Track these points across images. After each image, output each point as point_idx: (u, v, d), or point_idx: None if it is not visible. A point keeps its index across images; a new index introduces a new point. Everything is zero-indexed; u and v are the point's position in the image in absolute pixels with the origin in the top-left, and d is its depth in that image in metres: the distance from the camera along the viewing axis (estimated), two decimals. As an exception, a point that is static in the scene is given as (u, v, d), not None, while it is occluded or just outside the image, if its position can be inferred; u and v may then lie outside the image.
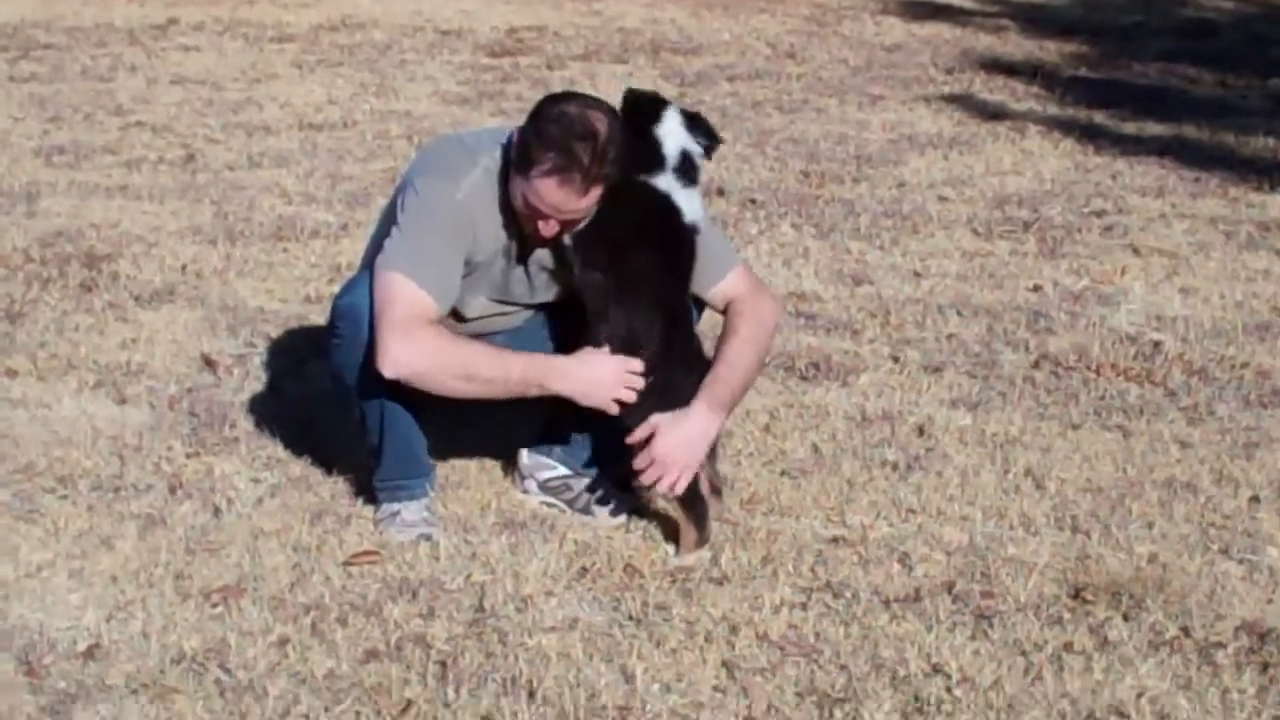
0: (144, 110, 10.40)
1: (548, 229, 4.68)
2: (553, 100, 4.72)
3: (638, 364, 4.72)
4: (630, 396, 4.73)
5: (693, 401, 4.75)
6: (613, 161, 4.59)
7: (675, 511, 4.85)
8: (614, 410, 4.75)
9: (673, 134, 4.76)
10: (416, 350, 4.59)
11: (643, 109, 4.80)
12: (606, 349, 4.73)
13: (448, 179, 4.72)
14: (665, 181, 4.74)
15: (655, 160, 4.74)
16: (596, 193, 4.61)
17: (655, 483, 4.75)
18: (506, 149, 4.75)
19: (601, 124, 4.60)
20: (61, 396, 5.87)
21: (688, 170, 4.77)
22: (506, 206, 4.75)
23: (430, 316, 4.63)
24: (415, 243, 4.66)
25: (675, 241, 4.77)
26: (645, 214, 4.73)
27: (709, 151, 4.84)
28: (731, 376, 4.81)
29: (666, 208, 4.74)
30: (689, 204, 4.77)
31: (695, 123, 4.82)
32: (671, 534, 4.90)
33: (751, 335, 4.87)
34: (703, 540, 4.82)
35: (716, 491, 4.98)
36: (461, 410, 4.95)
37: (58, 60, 11.83)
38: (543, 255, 4.86)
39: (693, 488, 4.82)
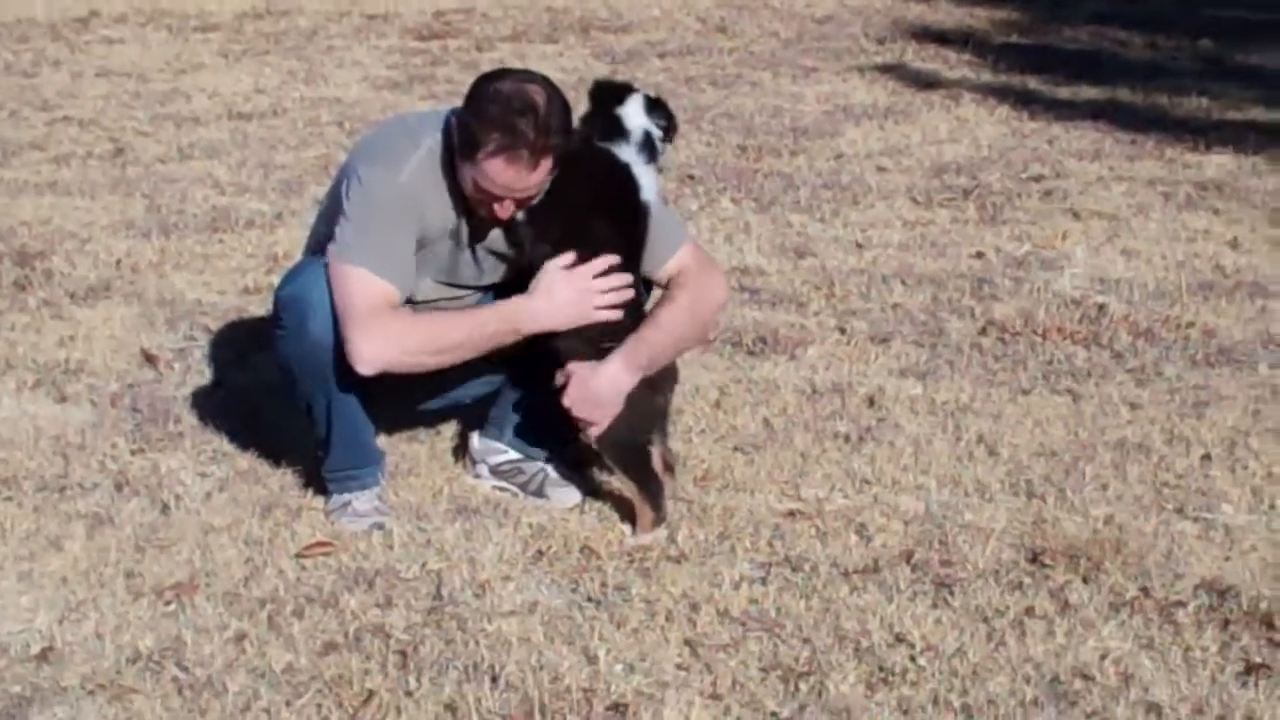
0: (70, 105, 10.28)
1: (503, 210, 4.63)
2: (487, 80, 4.66)
3: (593, 267, 4.67)
4: (606, 302, 4.68)
5: (608, 359, 4.72)
6: (556, 131, 4.54)
7: (630, 491, 4.82)
8: (602, 318, 4.69)
9: (634, 114, 4.74)
10: (384, 342, 4.56)
11: (608, 93, 4.81)
12: (557, 265, 4.68)
13: (390, 164, 4.66)
14: (627, 154, 4.71)
15: (617, 133, 4.71)
16: (546, 164, 4.57)
17: (586, 429, 4.75)
18: (447, 130, 4.69)
19: (539, 95, 4.55)
20: (1, 397, 5.78)
21: (648, 147, 4.75)
22: (453, 188, 4.69)
23: (393, 303, 4.60)
24: (365, 233, 4.61)
25: (632, 213, 4.74)
26: (605, 180, 4.71)
27: (668, 134, 4.82)
28: (655, 338, 4.75)
29: (626, 177, 4.71)
30: (646, 179, 4.75)
31: (655, 106, 4.81)
32: (628, 514, 4.86)
33: (689, 305, 4.80)
34: (659, 519, 4.79)
35: (669, 469, 4.95)
36: (410, 394, 4.91)
37: (-19, 57, 11.71)
38: (492, 239, 4.81)
39: (647, 466, 4.79)
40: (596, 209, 4.71)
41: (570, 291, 4.67)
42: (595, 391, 4.71)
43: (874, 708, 3.93)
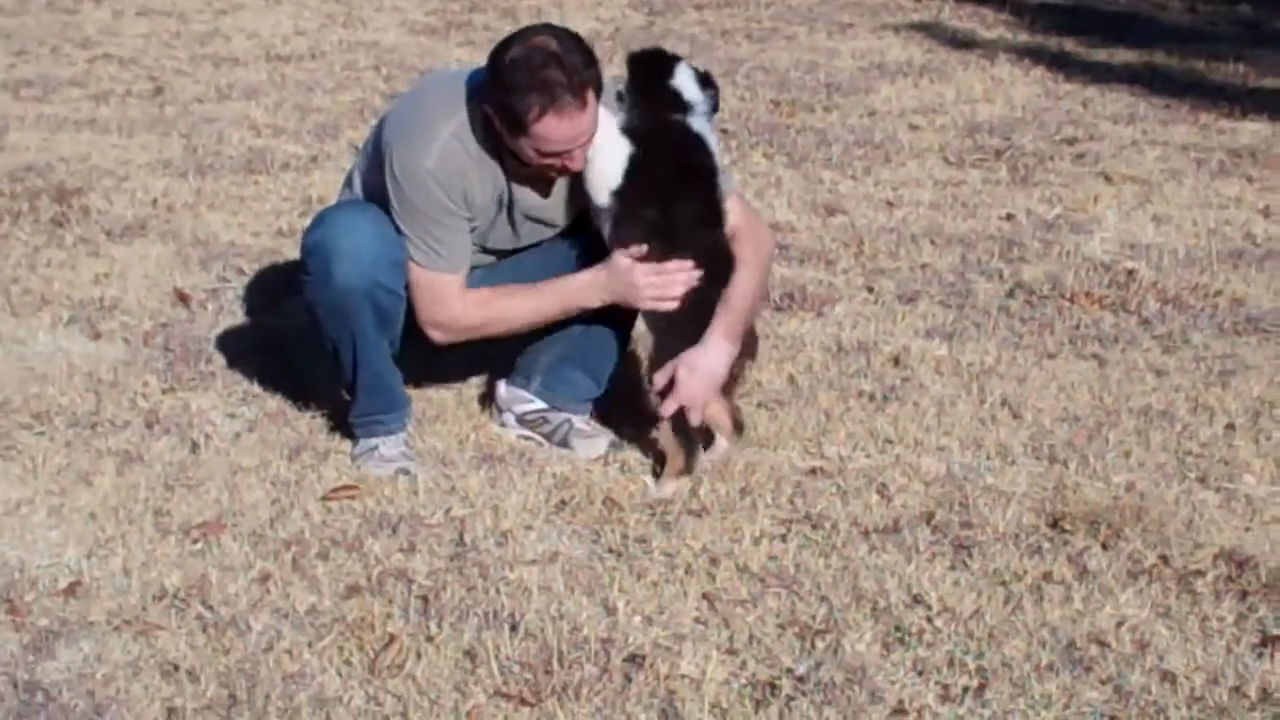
0: (111, 43, 10.32)
1: (574, 162, 4.69)
2: (496, 56, 4.65)
3: (666, 267, 4.76)
4: (677, 294, 4.76)
5: (708, 334, 4.78)
6: (584, 64, 4.58)
7: (664, 439, 4.85)
8: (665, 308, 4.78)
9: (689, 85, 4.82)
10: (458, 331, 4.85)
11: (654, 63, 4.87)
12: (633, 256, 4.76)
13: (417, 148, 4.68)
14: (698, 124, 4.80)
15: (680, 105, 4.79)
16: (591, 99, 4.60)
17: (675, 414, 4.79)
18: (474, 97, 4.71)
19: (551, 42, 4.58)
20: (36, 332, 5.84)
21: (709, 115, 4.86)
22: (493, 153, 4.73)
23: (460, 288, 4.78)
24: (416, 232, 4.72)
25: (710, 178, 4.83)
26: (687, 154, 4.80)
27: (716, 105, 4.92)
28: (743, 305, 4.85)
29: (702, 147, 4.81)
30: (714, 146, 4.87)
31: (705, 79, 4.89)
32: (651, 467, 4.90)
33: (757, 262, 4.90)
34: (688, 469, 4.82)
35: (739, 426, 5.00)
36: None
37: (21, -8, 11.74)
38: (533, 206, 4.85)
39: (689, 423, 4.84)
40: (682, 183, 4.78)
41: (643, 280, 4.76)
42: (708, 377, 4.80)
43: (889, 667, 3.97)
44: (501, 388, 5.26)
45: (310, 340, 5.16)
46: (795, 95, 9.29)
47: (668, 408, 4.78)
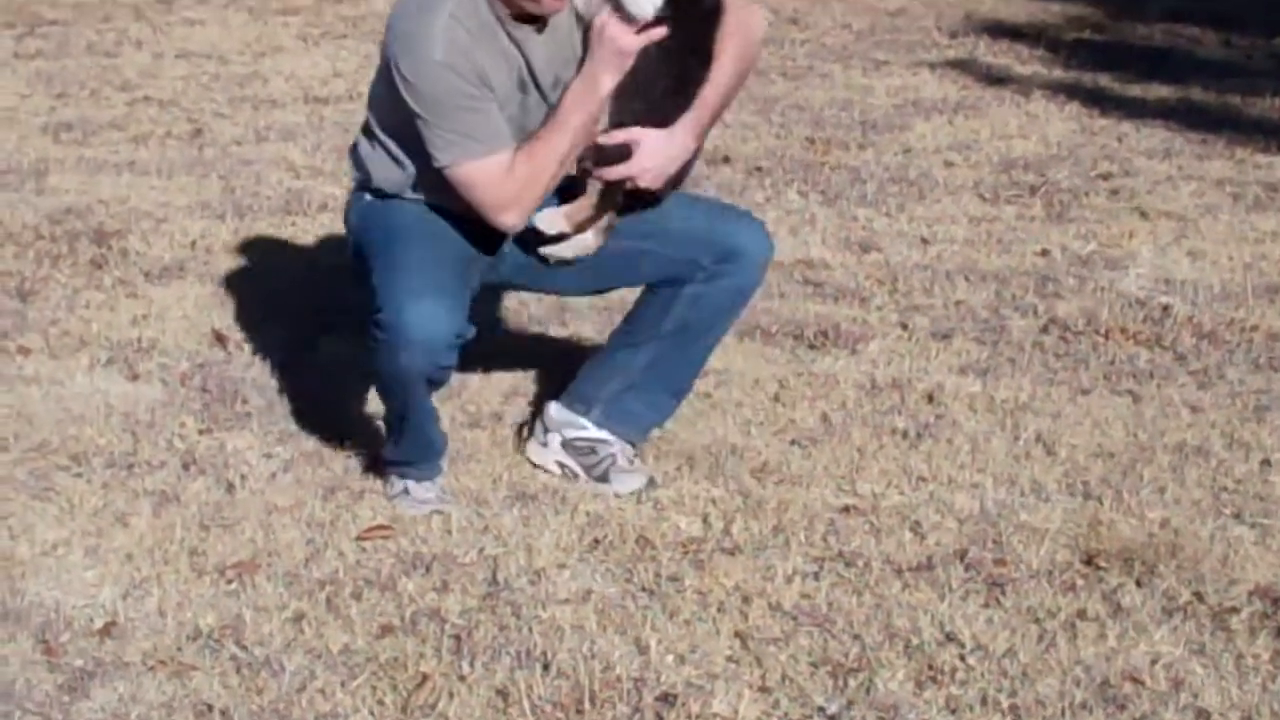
0: (150, 85, 10.40)
1: None
2: None
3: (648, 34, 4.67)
4: (633, 44, 4.66)
5: (677, 125, 4.78)
6: None
7: (590, 191, 4.86)
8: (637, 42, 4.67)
9: None
10: (521, 207, 4.73)
11: None
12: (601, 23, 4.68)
13: (420, 45, 4.64)
14: None
15: None
16: None
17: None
18: None
19: None
20: (74, 373, 5.88)
21: None
22: (498, 20, 4.70)
23: (508, 165, 4.68)
24: (447, 128, 4.66)
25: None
26: None
27: None
28: (714, 98, 4.84)
29: None
30: None
31: None
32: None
33: (739, 53, 4.86)
34: (584, 227, 4.88)
35: (610, 228, 4.97)
36: (481, 381, 4.98)
37: (63, 36, 11.82)
38: (556, 69, 4.80)
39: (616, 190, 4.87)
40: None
41: (616, 29, 4.63)
42: (668, 161, 4.80)
43: (922, 705, 3.97)
44: (553, 408, 5.25)
45: (345, 380, 5.20)
46: (830, 133, 9.31)
47: (614, 172, 4.78)
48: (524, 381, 5.78)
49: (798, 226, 7.64)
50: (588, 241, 4.94)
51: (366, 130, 5.03)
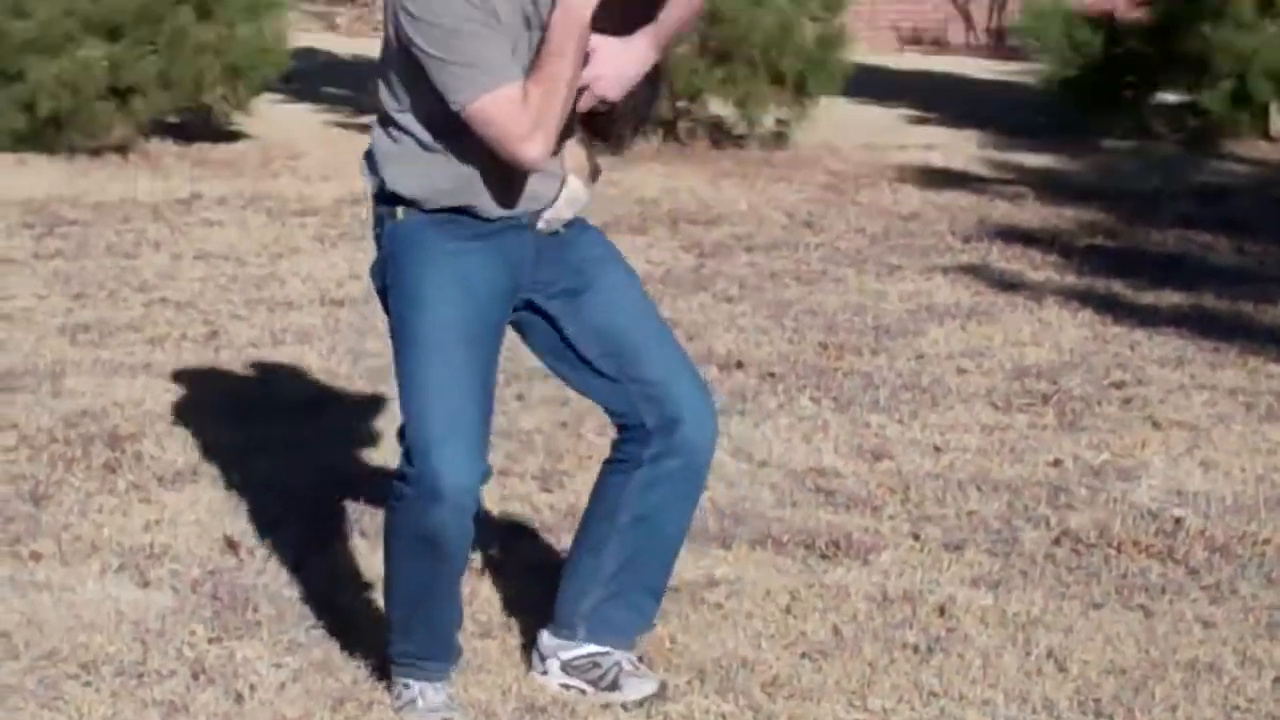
0: (168, 287, 10.50)
1: None
2: None
3: None
4: None
5: (635, 36, 4.81)
6: None
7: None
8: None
9: None
10: (542, 131, 4.67)
11: None
12: None
13: None
14: None
15: None
16: None
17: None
18: None
19: None
20: (85, 580, 5.89)
21: None
22: None
23: (520, 96, 4.67)
24: (461, 63, 4.63)
25: None
26: None
27: None
28: (674, 14, 4.87)
29: None
30: None
31: None
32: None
33: None
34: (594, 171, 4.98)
35: (596, 170, 5.03)
36: (490, 590, 4.97)
37: (83, 236, 11.94)
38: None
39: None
40: None
41: None
42: (625, 67, 4.81)
43: None
44: (545, 636, 5.23)
45: (355, 586, 5.20)
46: (843, 338, 9.37)
47: (584, 102, 4.80)
48: (535, 590, 5.78)
49: (810, 433, 7.67)
50: (577, 191, 4.94)
51: (380, 120, 4.94)
